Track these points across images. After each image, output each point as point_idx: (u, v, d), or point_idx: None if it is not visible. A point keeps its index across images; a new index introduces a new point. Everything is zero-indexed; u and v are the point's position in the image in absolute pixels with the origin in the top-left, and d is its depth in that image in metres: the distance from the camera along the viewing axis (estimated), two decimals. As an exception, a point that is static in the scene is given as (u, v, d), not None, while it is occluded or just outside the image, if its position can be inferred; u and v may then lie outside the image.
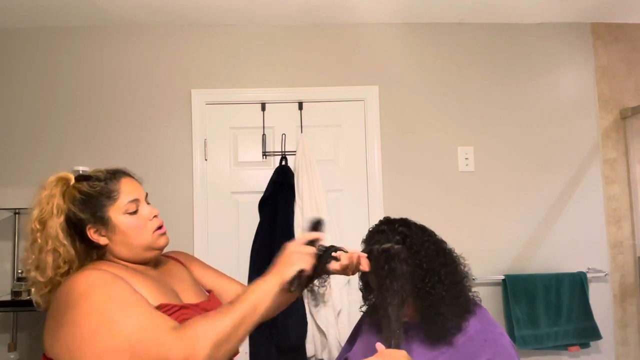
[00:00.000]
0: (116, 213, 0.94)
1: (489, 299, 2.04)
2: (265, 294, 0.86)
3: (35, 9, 1.90)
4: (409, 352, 0.94)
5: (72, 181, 0.95)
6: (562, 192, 2.11)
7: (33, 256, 0.90)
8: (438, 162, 2.10)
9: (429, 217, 2.05)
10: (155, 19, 2.02)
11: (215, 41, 2.09)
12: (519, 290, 1.96)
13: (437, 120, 2.11)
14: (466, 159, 2.10)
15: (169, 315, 0.85)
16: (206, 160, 2.05)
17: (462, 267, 1.06)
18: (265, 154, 2.06)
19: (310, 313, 1.86)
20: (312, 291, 1.09)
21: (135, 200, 0.96)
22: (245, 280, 1.95)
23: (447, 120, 2.12)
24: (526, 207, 2.10)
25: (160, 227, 0.98)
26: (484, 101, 2.13)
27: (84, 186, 0.94)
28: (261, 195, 2.00)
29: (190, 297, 0.99)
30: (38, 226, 0.90)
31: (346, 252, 1.01)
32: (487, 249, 2.06)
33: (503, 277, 1.99)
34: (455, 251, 1.10)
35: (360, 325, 1.20)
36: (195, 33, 2.09)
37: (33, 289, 0.93)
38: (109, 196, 0.94)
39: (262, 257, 1.93)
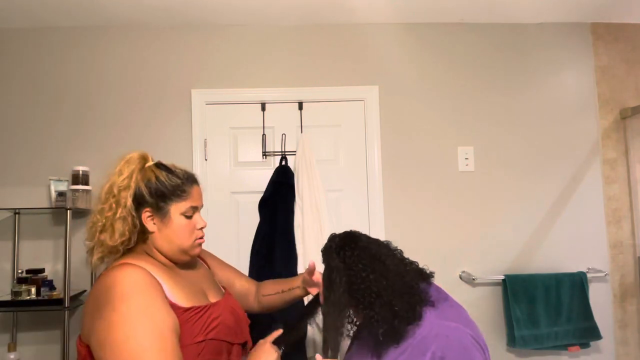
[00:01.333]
0: (176, 210, 1.02)
1: (489, 299, 2.04)
2: None
3: (35, 9, 1.90)
4: (374, 352, 1.01)
5: (150, 162, 1.04)
6: (562, 192, 2.11)
7: (104, 220, 0.96)
8: (438, 162, 2.10)
9: (429, 217, 2.07)
10: (155, 19, 2.02)
11: (215, 41, 2.09)
12: (519, 290, 1.96)
13: (437, 120, 2.12)
14: (466, 159, 2.10)
15: (199, 316, 0.96)
16: (206, 160, 2.05)
17: (400, 269, 1.04)
18: (265, 154, 2.06)
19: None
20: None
21: (195, 208, 1.05)
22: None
23: (447, 120, 2.12)
24: (526, 207, 2.10)
25: (201, 238, 1.08)
26: (484, 101, 2.14)
27: (163, 175, 1.02)
28: (261, 195, 2.00)
29: (213, 295, 1.10)
30: (115, 192, 0.97)
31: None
32: (487, 249, 2.06)
33: (503, 277, 1.99)
34: (401, 251, 1.10)
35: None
36: (196, 33, 2.09)
37: (94, 251, 0.98)
38: (180, 194, 1.02)
39: (262, 257, 1.93)
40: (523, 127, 2.13)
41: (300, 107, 2.09)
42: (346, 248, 1.05)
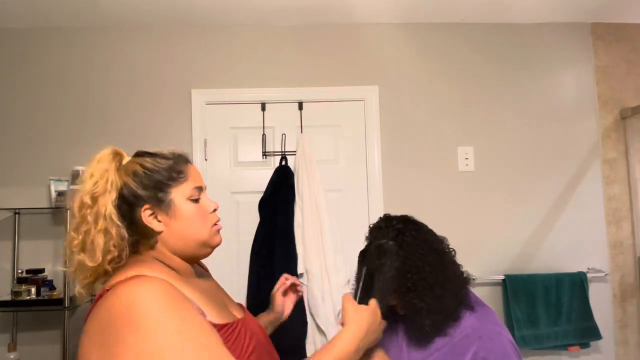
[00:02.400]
0: (179, 196, 0.84)
1: (489, 299, 2.04)
2: (353, 354, 0.83)
3: (35, 9, 1.90)
4: (405, 346, 1.00)
5: (125, 157, 0.87)
6: (562, 192, 2.11)
7: (80, 237, 0.78)
8: (438, 162, 2.10)
9: (429, 216, 2.05)
10: (155, 19, 2.02)
11: (215, 41, 2.09)
12: (519, 290, 1.96)
13: (437, 120, 2.12)
14: (466, 159, 2.10)
15: (235, 335, 0.79)
16: (206, 160, 2.05)
17: (455, 268, 1.06)
18: (265, 154, 2.06)
19: (310, 313, 1.86)
20: None
21: (199, 188, 0.88)
22: (245, 281, 1.96)
23: (447, 120, 2.12)
24: (526, 207, 2.10)
25: (217, 223, 0.89)
26: (484, 101, 2.13)
27: (148, 161, 0.85)
28: (261, 195, 2.00)
29: (234, 308, 0.93)
30: (89, 202, 0.78)
31: None
32: (487, 249, 2.06)
33: (503, 277, 1.99)
34: (455, 252, 1.11)
35: None
36: (195, 33, 2.09)
37: (77, 278, 0.81)
38: (176, 177, 0.85)
39: (262, 257, 1.93)
40: (523, 127, 2.13)
41: (300, 107, 2.09)
42: (406, 233, 1.02)
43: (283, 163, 2.04)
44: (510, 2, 1.98)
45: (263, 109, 2.08)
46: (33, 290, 1.81)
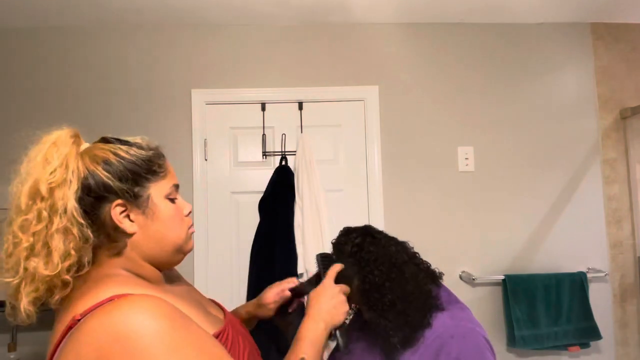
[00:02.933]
0: (158, 194, 0.72)
1: (489, 299, 2.04)
2: (323, 344, 0.82)
3: (35, 9, 1.90)
4: (383, 356, 0.98)
5: (84, 142, 0.73)
6: (562, 192, 2.11)
7: (30, 238, 0.62)
8: (438, 162, 2.10)
9: (429, 217, 2.07)
10: (155, 18, 2.02)
11: (215, 41, 2.09)
12: (519, 290, 1.96)
13: (437, 120, 2.11)
14: (466, 159, 2.10)
15: (229, 344, 0.72)
16: (206, 160, 2.05)
17: (418, 279, 1.02)
18: (265, 154, 2.06)
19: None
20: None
21: (177, 187, 0.78)
22: (245, 281, 1.96)
23: (447, 120, 2.12)
24: (526, 207, 2.10)
25: (191, 227, 0.80)
26: (484, 101, 2.13)
27: (122, 150, 0.71)
28: (261, 195, 2.00)
29: (212, 308, 0.85)
30: (44, 193, 0.63)
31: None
32: (487, 249, 2.06)
33: (503, 277, 1.99)
34: (417, 253, 1.09)
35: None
36: (195, 33, 2.09)
37: (22, 292, 0.64)
38: (155, 171, 0.73)
39: (262, 257, 1.93)
40: (523, 127, 2.13)
41: (300, 107, 2.09)
42: (364, 248, 1.01)
43: (283, 163, 2.03)
44: (510, 2, 1.98)
45: (263, 109, 2.08)
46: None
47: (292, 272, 1.87)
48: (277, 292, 1.06)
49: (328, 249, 1.11)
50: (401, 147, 2.10)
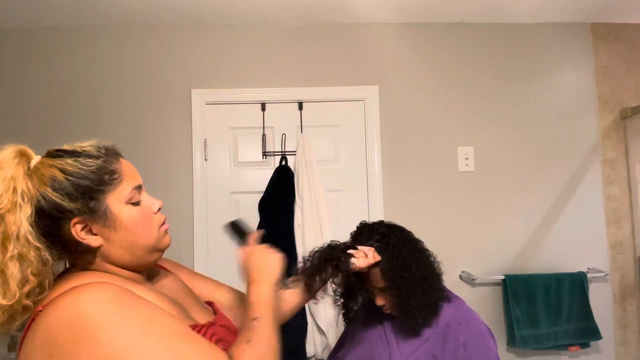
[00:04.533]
0: (117, 202, 0.70)
1: (489, 299, 2.04)
2: (272, 297, 0.80)
3: (35, 9, 1.90)
4: (394, 343, 1.09)
5: (33, 157, 0.70)
6: (562, 192, 2.11)
7: None
8: (438, 162, 2.10)
9: (429, 217, 2.07)
10: (155, 19, 2.02)
11: (215, 41, 2.09)
12: (519, 290, 1.96)
13: (437, 120, 2.11)
14: (466, 159, 2.10)
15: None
16: (206, 160, 2.05)
17: (434, 265, 1.16)
18: (265, 154, 2.06)
19: (311, 313, 1.86)
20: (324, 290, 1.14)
21: (139, 187, 0.74)
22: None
23: (447, 120, 2.12)
24: (526, 207, 2.10)
25: (164, 223, 0.78)
26: (484, 101, 2.13)
27: (69, 164, 0.68)
28: (261, 195, 2.00)
29: (197, 312, 0.82)
30: None
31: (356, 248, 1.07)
32: (487, 249, 2.06)
33: (503, 277, 1.99)
34: (431, 251, 1.20)
35: (349, 327, 1.27)
36: (195, 33, 2.09)
37: None
38: (109, 180, 0.69)
39: (262, 257, 1.93)
40: (523, 127, 2.13)
41: (300, 107, 2.09)
42: (391, 235, 1.10)
43: (283, 163, 2.04)
44: (510, 2, 1.98)
45: (263, 109, 2.08)
46: None
47: (292, 271, 1.87)
48: None
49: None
50: (401, 147, 2.10)
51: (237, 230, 0.99)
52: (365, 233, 1.12)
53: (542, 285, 1.96)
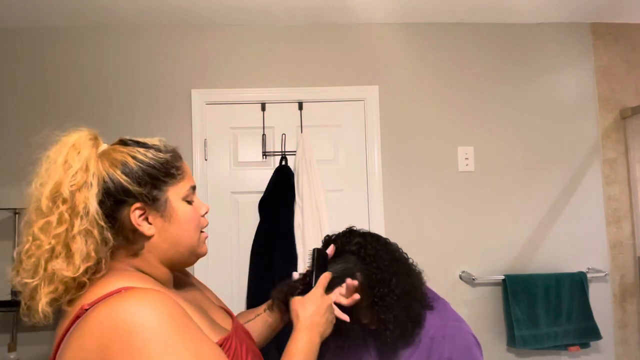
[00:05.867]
0: (175, 196, 0.73)
1: (489, 299, 2.04)
2: (314, 351, 0.80)
3: (35, 9, 1.90)
4: (378, 357, 1.01)
5: (102, 143, 0.74)
6: (562, 192, 2.11)
7: (52, 240, 0.63)
8: (438, 162, 2.10)
9: (429, 217, 2.07)
10: (155, 18, 2.02)
11: (215, 41, 2.09)
12: (519, 290, 1.96)
13: (437, 120, 2.11)
14: (466, 159, 2.10)
15: (232, 352, 0.72)
16: (206, 160, 2.05)
17: (415, 274, 1.05)
18: (265, 154, 2.06)
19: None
20: None
21: (194, 189, 0.78)
22: (245, 281, 1.95)
23: (447, 120, 2.12)
24: (526, 207, 2.10)
25: (203, 231, 0.81)
26: (484, 101, 2.13)
27: (141, 153, 0.72)
28: (261, 195, 2.00)
29: (217, 315, 0.83)
30: (66, 196, 0.64)
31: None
32: (487, 249, 2.06)
33: (503, 277, 1.99)
34: (410, 258, 1.09)
35: (328, 346, 1.15)
36: (195, 33, 2.09)
37: (40, 292, 0.64)
38: (174, 173, 0.74)
39: (262, 257, 1.93)
40: (523, 127, 2.13)
41: (300, 107, 2.09)
42: (367, 246, 1.01)
43: (283, 163, 2.03)
44: (510, 2, 1.98)
45: (263, 109, 2.08)
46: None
47: (292, 271, 1.87)
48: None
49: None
50: (401, 147, 2.10)
51: (319, 262, 0.96)
52: (339, 244, 1.03)
53: (542, 285, 1.96)
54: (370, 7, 1.98)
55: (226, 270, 2.02)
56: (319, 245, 1.08)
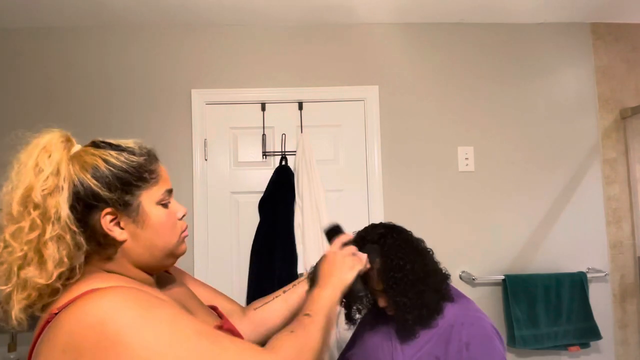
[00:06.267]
0: (149, 201, 0.72)
1: (489, 299, 2.04)
2: (333, 303, 0.82)
3: (35, 9, 1.90)
4: (398, 345, 1.09)
5: (75, 144, 0.73)
6: (562, 192, 2.11)
7: (23, 246, 0.62)
8: (438, 162, 2.10)
9: (429, 217, 2.07)
10: (155, 18, 2.02)
11: (215, 41, 2.09)
12: (519, 290, 1.96)
13: (437, 120, 2.11)
14: (466, 159, 2.10)
15: None
16: (206, 160, 2.05)
17: (433, 266, 1.16)
18: (265, 154, 2.06)
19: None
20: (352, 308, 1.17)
21: (170, 192, 0.77)
22: (245, 281, 1.96)
23: (447, 120, 2.12)
24: (526, 207, 2.10)
25: (184, 230, 0.80)
26: (484, 101, 2.13)
27: (113, 156, 0.70)
28: (261, 195, 2.00)
29: (203, 316, 0.82)
30: (37, 201, 0.63)
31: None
32: (487, 249, 2.06)
33: (503, 277, 1.99)
34: (432, 252, 1.21)
35: (359, 329, 1.28)
36: (195, 33, 2.09)
37: (13, 300, 0.63)
38: (147, 178, 0.72)
39: (262, 257, 1.93)
40: (523, 127, 2.13)
41: (300, 107, 2.09)
42: (388, 236, 1.11)
43: (283, 163, 2.03)
44: (510, 2, 1.98)
45: (263, 109, 2.08)
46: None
47: (292, 272, 1.87)
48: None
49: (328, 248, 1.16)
50: (401, 147, 2.10)
51: (332, 232, 1.07)
52: (369, 234, 1.15)
53: (542, 285, 1.96)
54: (370, 7, 1.98)
55: (226, 270, 2.02)
56: (319, 245, 1.17)
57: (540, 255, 2.08)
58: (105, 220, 0.68)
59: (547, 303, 1.95)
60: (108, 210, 0.68)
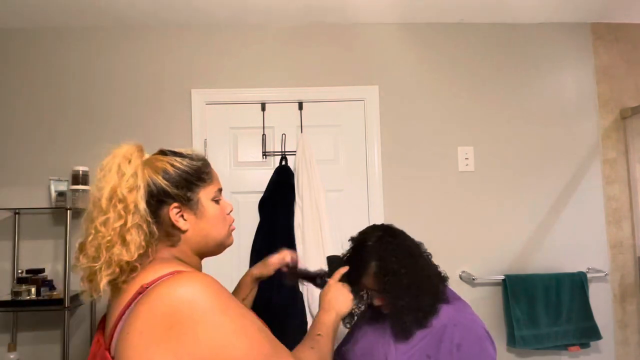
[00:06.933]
0: (205, 197, 0.89)
1: (489, 299, 2.04)
2: (337, 324, 1.01)
3: (35, 9, 1.90)
4: (392, 342, 1.12)
5: (145, 153, 0.90)
6: (562, 192, 2.11)
7: (111, 232, 0.78)
8: (438, 162, 2.10)
9: (429, 216, 2.07)
10: (155, 19, 2.02)
11: (215, 41, 2.09)
12: (519, 290, 1.96)
13: (437, 120, 2.11)
14: (466, 159, 2.10)
15: None
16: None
17: (430, 269, 1.18)
18: (265, 154, 2.06)
19: (310, 313, 1.86)
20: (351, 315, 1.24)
21: (220, 190, 0.94)
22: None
23: (447, 120, 2.12)
24: (526, 207, 2.10)
25: (231, 224, 0.96)
26: (484, 101, 2.13)
27: (177, 161, 0.88)
28: (261, 195, 2.00)
29: None
30: (121, 197, 0.79)
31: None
32: (487, 249, 2.06)
33: (503, 277, 1.99)
34: (430, 255, 1.24)
35: (355, 323, 1.30)
36: (195, 33, 2.09)
37: (101, 273, 0.78)
38: (203, 178, 0.89)
39: (262, 257, 1.93)
40: (523, 127, 2.13)
41: (300, 107, 2.09)
42: (383, 240, 1.14)
43: (283, 163, 2.04)
44: (511, 2, 1.98)
45: (263, 109, 2.08)
46: (33, 290, 1.81)
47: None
48: (280, 258, 1.27)
49: (328, 248, 1.22)
50: (401, 147, 2.10)
51: (334, 262, 1.18)
52: (366, 235, 1.18)
53: (542, 285, 1.96)
54: (370, 7, 1.98)
55: (226, 270, 2.01)
56: (319, 245, 1.23)
57: (540, 255, 2.08)
58: (173, 213, 0.84)
59: (547, 303, 1.95)
60: (175, 204, 0.84)
